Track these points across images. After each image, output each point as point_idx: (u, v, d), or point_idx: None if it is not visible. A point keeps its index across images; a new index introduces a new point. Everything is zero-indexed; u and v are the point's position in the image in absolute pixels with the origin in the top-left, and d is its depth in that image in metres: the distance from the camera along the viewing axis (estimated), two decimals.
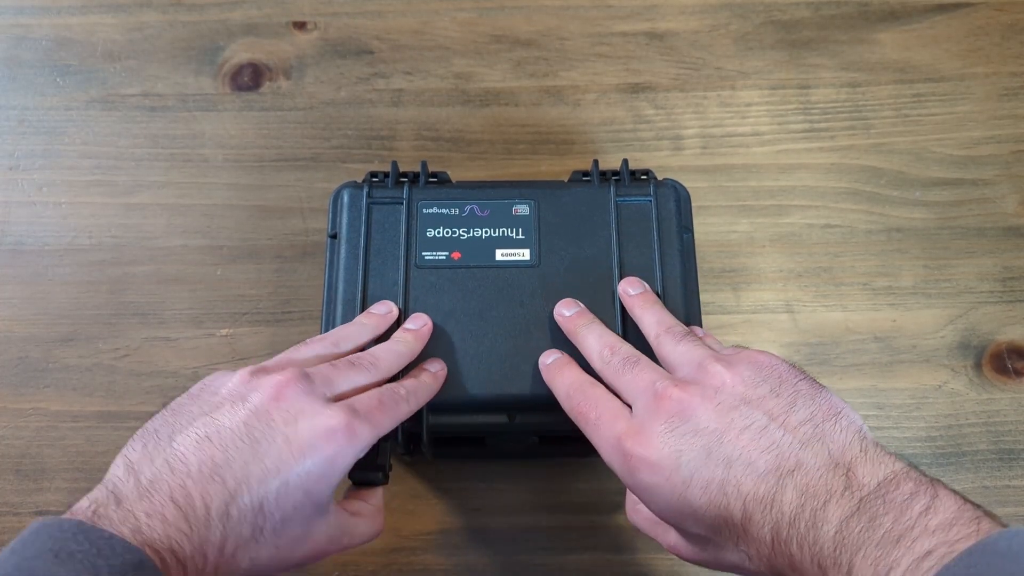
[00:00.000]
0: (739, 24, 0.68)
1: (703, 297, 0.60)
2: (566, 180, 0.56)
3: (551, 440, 0.51)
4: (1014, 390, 0.58)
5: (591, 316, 0.48)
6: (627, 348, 0.44)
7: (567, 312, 0.48)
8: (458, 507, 0.56)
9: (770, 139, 0.65)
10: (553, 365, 0.46)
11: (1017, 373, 0.58)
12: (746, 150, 0.65)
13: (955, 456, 0.56)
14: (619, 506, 0.55)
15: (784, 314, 0.60)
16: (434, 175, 0.55)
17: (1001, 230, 0.62)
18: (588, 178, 0.55)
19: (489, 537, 0.55)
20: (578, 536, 0.55)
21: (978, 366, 0.59)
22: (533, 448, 0.52)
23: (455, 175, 0.56)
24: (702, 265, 0.61)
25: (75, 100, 0.67)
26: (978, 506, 0.33)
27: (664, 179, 0.55)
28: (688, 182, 0.62)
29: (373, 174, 0.55)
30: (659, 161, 0.64)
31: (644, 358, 0.43)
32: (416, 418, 0.47)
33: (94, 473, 0.56)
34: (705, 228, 0.62)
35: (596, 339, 0.45)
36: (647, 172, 0.55)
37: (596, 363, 0.44)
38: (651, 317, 0.46)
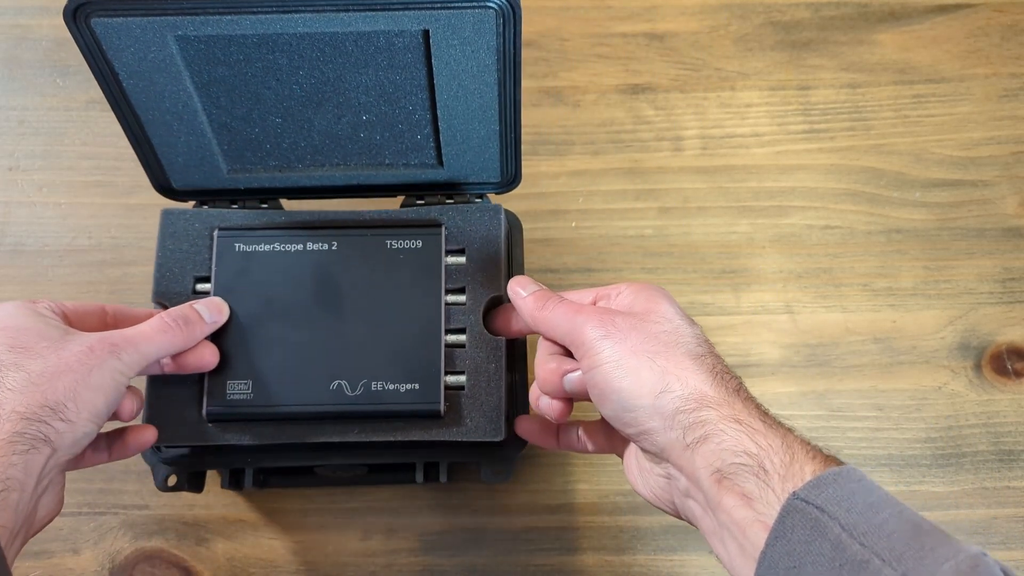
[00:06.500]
0: (739, 25, 0.68)
1: (704, 298, 0.60)
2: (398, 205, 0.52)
3: (380, 468, 0.52)
4: (1014, 391, 0.58)
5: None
6: None
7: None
8: (458, 507, 0.56)
9: (770, 140, 0.65)
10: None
11: (1017, 374, 0.58)
12: (746, 151, 0.65)
13: (955, 457, 0.56)
14: (619, 506, 0.55)
15: (784, 315, 0.60)
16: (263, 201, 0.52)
17: (1001, 231, 0.62)
18: (422, 201, 0.52)
19: (489, 537, 0.55)
20: (578, 536, 0.55)
21: (978, 367, 0.59)
22: (363, 476, 0.52)
23: None
24: (702, 266, 0.61)
25: (75, 100, 0.67)
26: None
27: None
28: (688, 183, 0.63)
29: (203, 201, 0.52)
30: (659, 162, 0.64)
31: None
32: (240, 454, 0.49)
33: (94, 473, 0.56)
34: (705, 229, 0.62)
35: None
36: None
37: None
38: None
